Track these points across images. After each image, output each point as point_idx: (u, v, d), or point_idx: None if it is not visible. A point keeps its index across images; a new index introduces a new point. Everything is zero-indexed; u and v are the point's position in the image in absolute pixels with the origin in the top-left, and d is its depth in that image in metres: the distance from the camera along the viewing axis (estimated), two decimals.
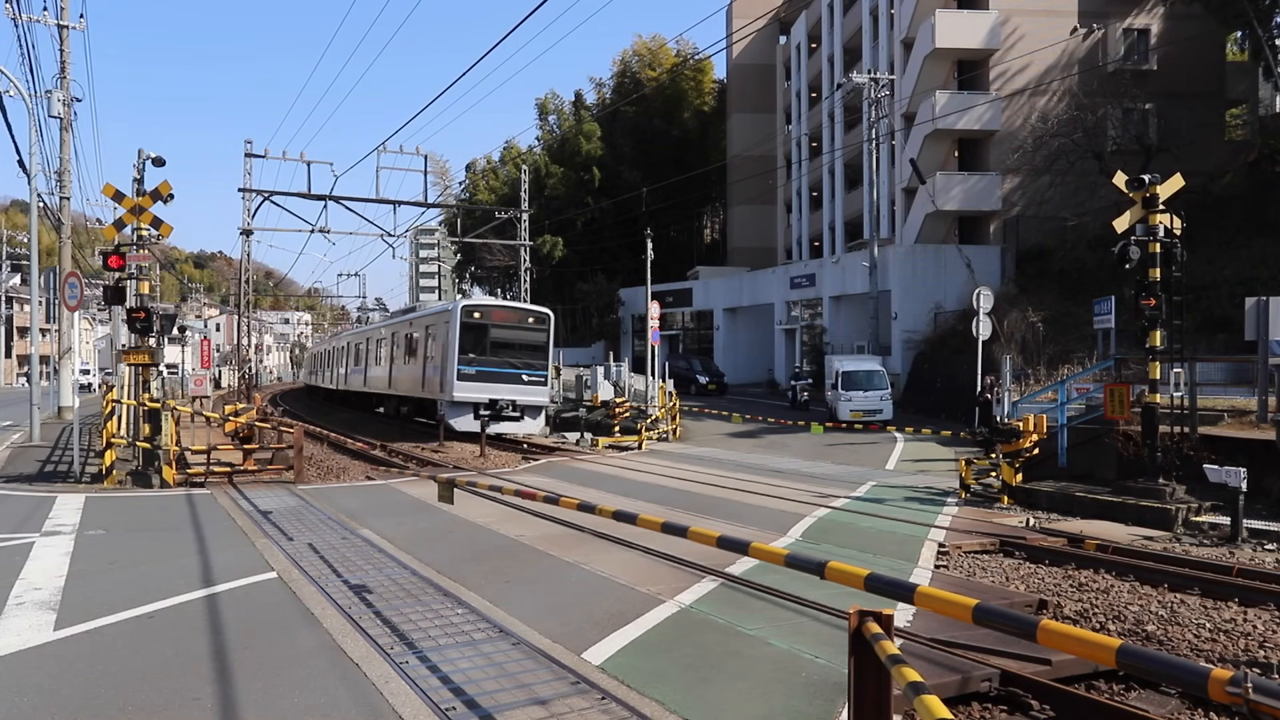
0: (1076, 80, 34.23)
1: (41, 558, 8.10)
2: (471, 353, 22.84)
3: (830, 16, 49.09)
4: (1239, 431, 14.41)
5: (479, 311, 23.64)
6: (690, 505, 11.65)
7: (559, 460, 18.53)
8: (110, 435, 13.66)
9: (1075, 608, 7.34)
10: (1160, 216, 12.52)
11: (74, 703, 4.63)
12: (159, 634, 5.81)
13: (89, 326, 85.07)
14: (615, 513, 5.85)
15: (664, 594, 6.80)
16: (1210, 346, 20.38)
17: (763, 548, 4.51)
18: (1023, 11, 35.32)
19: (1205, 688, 2.48)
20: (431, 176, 49.23)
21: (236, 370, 47.07)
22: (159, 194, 13.85)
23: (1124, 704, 5.23)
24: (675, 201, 52.07)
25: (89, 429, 21.53)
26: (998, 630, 3.70)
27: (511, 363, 23.19)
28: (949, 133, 36.16)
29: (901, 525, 10.61)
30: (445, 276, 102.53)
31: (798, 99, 53.88)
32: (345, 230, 44.62)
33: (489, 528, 9.70)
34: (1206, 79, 35.56)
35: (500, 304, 26.27)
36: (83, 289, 16.22)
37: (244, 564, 7.86)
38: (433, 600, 6.66)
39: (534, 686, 4.84)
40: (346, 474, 17.99)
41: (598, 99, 63.31)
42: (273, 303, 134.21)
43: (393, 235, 36.01)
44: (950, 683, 5.23)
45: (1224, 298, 21.85)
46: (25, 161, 21.28)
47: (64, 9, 24.42)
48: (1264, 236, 25.28)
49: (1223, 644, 6.51)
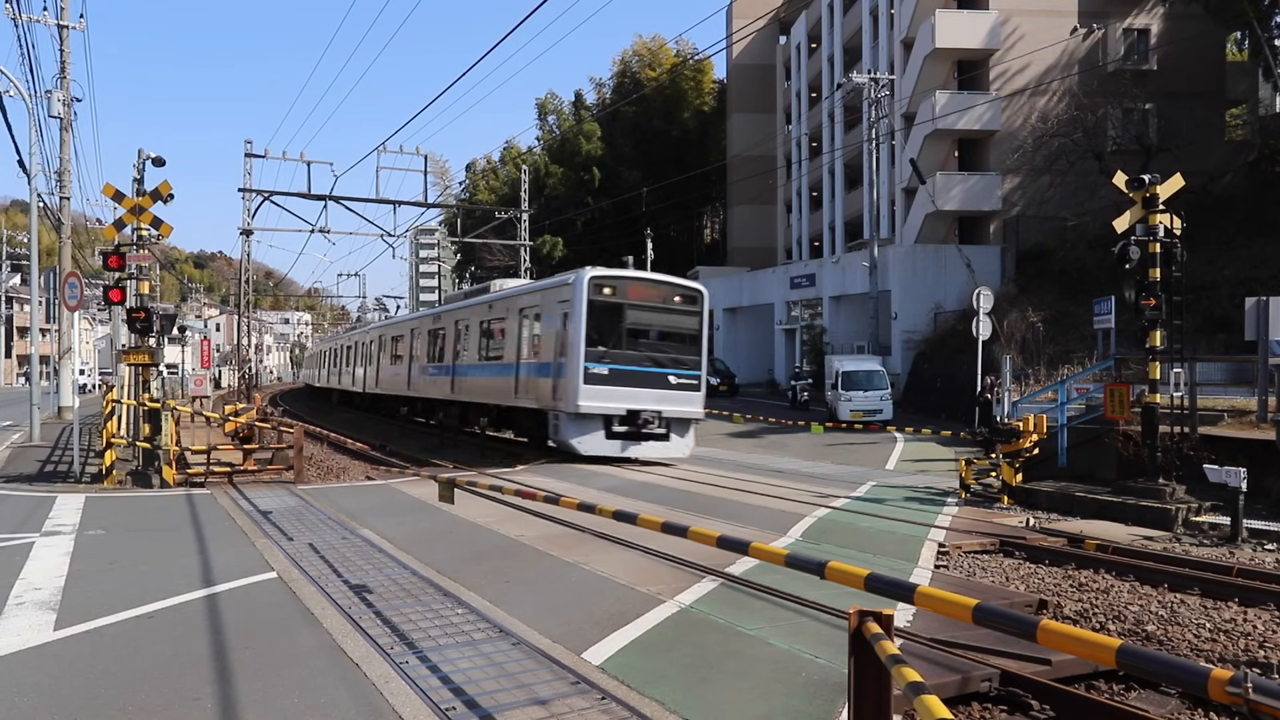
0: (1076, 80, 34.24)
1: (41, 558, 8.10)
2: (602, 344, 16.42)
3: (830, 16, 49.10)
4: (1239, 431, 14.41)
5: (611, 285, 16.86)
6: (690, 505, 11.65)
7: (558, 460, 18.52)
8: (110, 435, 13.66)
9: (1075, 608, 7.34)
10: (1160, 216, 12.53)
11: (74, 703, 4.62)
12: (159, 634, 5.81)
13: (89, 326, 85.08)
14: (615, 513, 5.86)
15: (664, 594, 6.80)
16: (1210, 346, 20.38)
17: (763, 548, 4.51)
18: (1023, 11, 35.33)
19: (1205, 688, 2.48)
20: (431, 176, 49.30)
21: (236, 370, 47.08)
22: (159, 194, 13.85)
23: (1124, 704, 5.23)
24: (675, 201, 52.11)
25: (89, 429, 21.53)
26: (998, 630, 3.70)
27: (655, 358, 16.92)
28: (949, 133, 36.18)
29: (901, 525, 10.61)
30: (445, 276, 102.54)
31: (798, 99, 53.90)
32: (345, 230, 44.78)
33: (489, 528, 9.70)
34: (1206, 79, 35.57)
35: (638, 275, 18.73)
36: (83, 289, 16.22)
37: (244, 564, 7.85)
38: (433, 600, 6.65)
39: (534, 686, 4.83)
40: (346, 474, 18.00)
41: (598, 99, 63.37)
42: (273, 303, 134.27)
43: (393, 235, 36.10)
44: (950, 683, 5.23)
45: (1224, 298, 21.86)
46: (25, 161, 21.30)
47: (64, 9, 24.41)
48: (1264, 236, 25.29)
49: (1223, 644, 6.51)
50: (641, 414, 16.42)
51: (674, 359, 17.10)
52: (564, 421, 16.47)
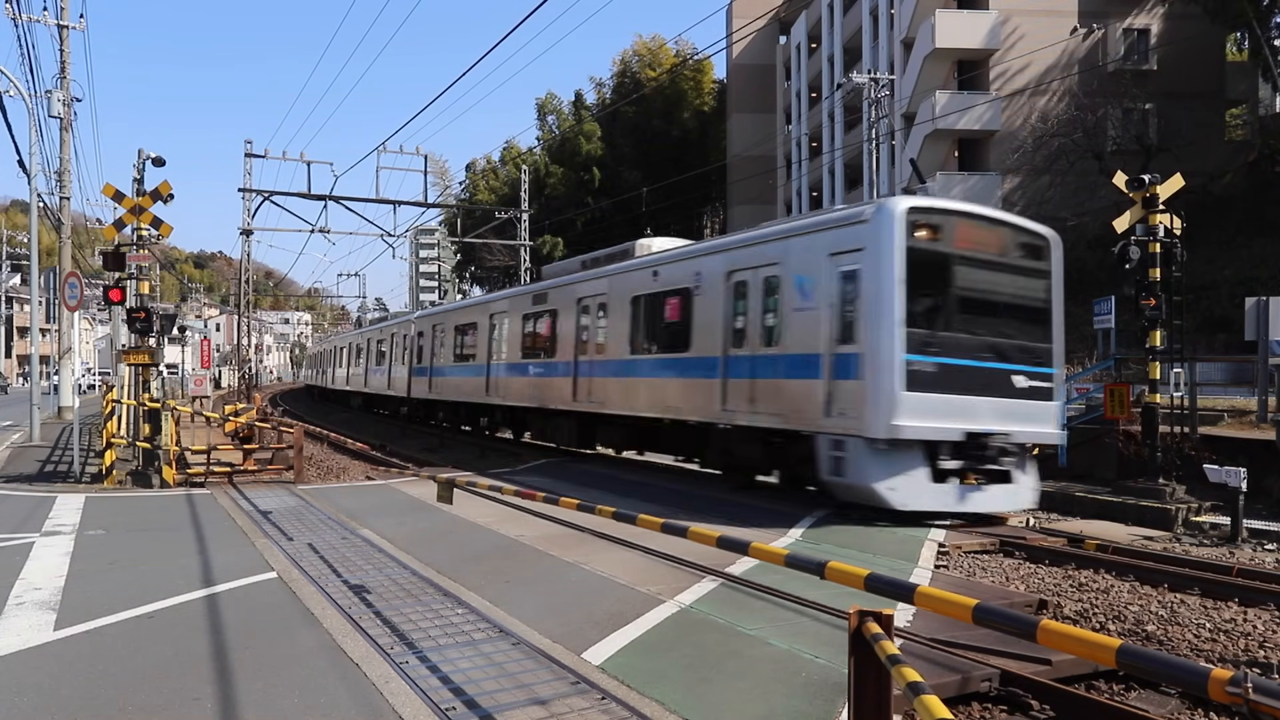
0: (1076, 80, 34.25)
1: (41, 558, 8.10)
2: (925, 324, 10.41)
3: (830, 16, 49.11)
4: (1239, 431, 14.42)
5: (934, 223, 10.74)
6: (690, 505, 11.64)
7: (558, 461, 18.51)
8: (110, 435, 13.67)
9: (1075, 608, 7.34)
10: (1160, 216, 12.54)
11: (74, 703, 4.62)
12: (159, 634, 5.81)
13: (89, 326, 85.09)
14: (615, 513, 5.85)
15: (664, 594, 6.80)
16: (1210, 346, 20.40)
17: (762, 548, 4.51)
18: (1023, 11, 35.34)
19: (1205, 688, 2.48)
20: (431, 176, 49.28)
21: (236, 370, 47.08)
22: (159, 194, 13.86)
23: (1124, 704, 5.23)
24: (675, 201, 52.08)
25: (89, 429, 21.53)
26: (998, 630, 3.70)
27: (998, 347, 10.87)
28: (949, 133, 36.18)
29: (901, 525, 10.60)
30: (445, 277, 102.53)
31: (798, 99, 53.90)
32: (345, 230, 44.69)
33: (489, 528, 9.70)
34: (1206, 79, 35.57)
35: (967, 210, 11.46)
36: (83, 289, 16.22)
37: (244, 564, 7.85)
38: (433, 600, 6.65)
39: (534, 686, 4.84)
40: (346, 474, 17.99)
41: (598, 99, 63.38)
42: (273, 303, 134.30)
43: (393, 235, 36.05)
44: (950, 683, 5.23)
45: (1224, 298, 21.88)
46: (25, 161, 21.30)
47: (64, 9, 24.42)
48: (1264, 236, 25.30)
49: (1223, 644, 6.51)
50: (986, 439, 10.41)
51: (1021, 348, 11.05)
52: (856, 454, 10.30)
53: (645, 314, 14.94)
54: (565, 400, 17.06)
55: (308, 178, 42.07)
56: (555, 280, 18.80)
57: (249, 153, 34.77)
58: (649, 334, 14.86)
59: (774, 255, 12.01)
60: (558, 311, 17.91)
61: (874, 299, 10.22)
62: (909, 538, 9.64)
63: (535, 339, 19.03)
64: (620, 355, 15.46)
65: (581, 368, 16.64)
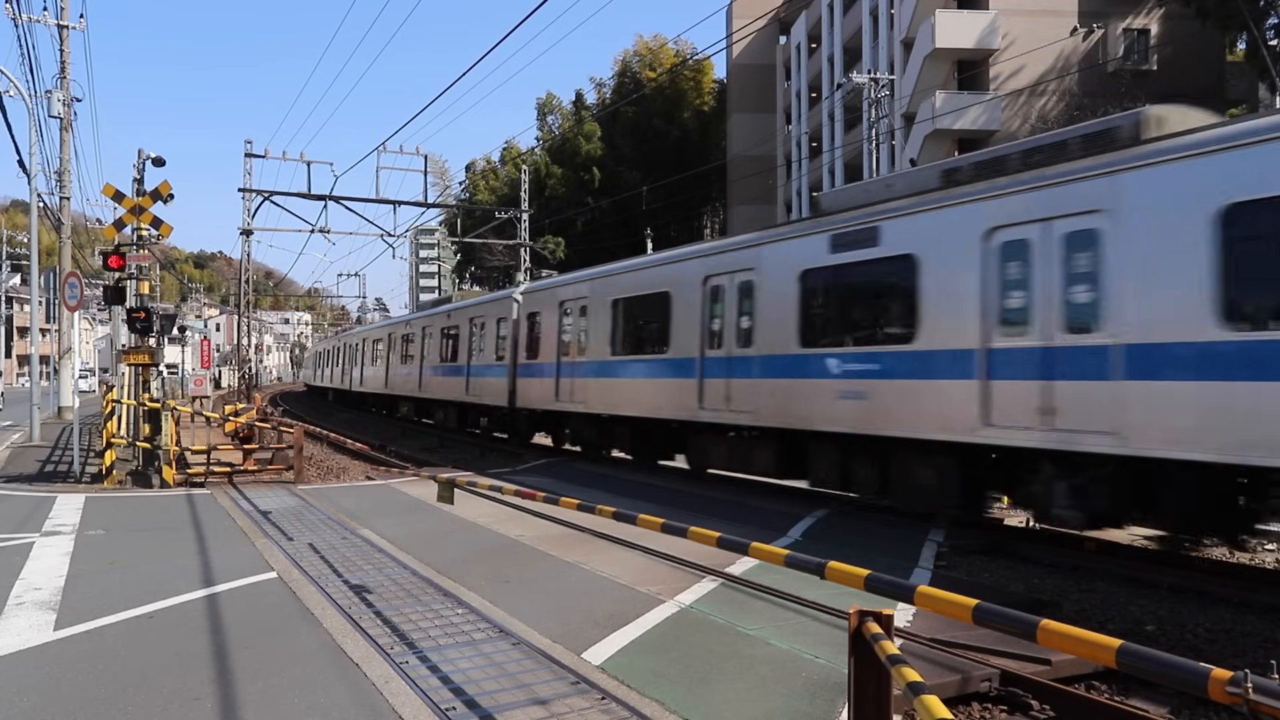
0: (1076, 80, 34.24)
1: (41, 558, 8.10)
2: None
3: (830, 16, 49.11)
4: None
5: None
6: (689, 505, 11.64)
7: (558, 461, 18.52)
8: (110, 435, 13.67)
9: (1075, 608, 7.34)
10: None
11: (74, 703, 4.62)
12: (159, 634, 5.81)
13: (89, 326, 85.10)
14: (615, 513, 5.85)
15: (664, 594, 6.80)
16: None
17: (762, 548, 4.51)
18: (1022, 11, 35.32)
19: (1205, 688, 2.48)
20: (431, 176, 49.29)
21: (236, 370, 47.08)
22: (159, 194, 13.87)
23: (1124, 704, 5.23)
24: (675, 201, 52.13)
25: (89, 429, 21.53)
26: (998, 630, 3.70)
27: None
28: (949, 133, 36.15)
29: (901, 525, 10.60)
30: (445, 277, 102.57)
31: (798, 99, 53.91)
32: (345, 230, 44.65)
33: (489, 528, 9.70)
34: (1206, 79, 35.55)
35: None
36: (83, 289, 16.23)
37: (244, 564, 7.86)
38: (433, 600, 6.65)
39: (534, 686, 4.84)
40: (346, 474, 17.98)
41: (598, 99, 63.39)
42: (273, 303, 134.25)
43: (393, 235, 36.03)
44: (950, 683, 5.23)
45: None
46: (25, 161, 21.32)
47: (64, 9, 24.43)
48: None
49: (1222, 644, 6.51)
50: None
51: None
52: None
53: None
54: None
55: (308, 178, 42.07)
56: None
57: (249, 153, 34.78)
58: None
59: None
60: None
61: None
62: (909, 538, 9.64)
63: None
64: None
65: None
